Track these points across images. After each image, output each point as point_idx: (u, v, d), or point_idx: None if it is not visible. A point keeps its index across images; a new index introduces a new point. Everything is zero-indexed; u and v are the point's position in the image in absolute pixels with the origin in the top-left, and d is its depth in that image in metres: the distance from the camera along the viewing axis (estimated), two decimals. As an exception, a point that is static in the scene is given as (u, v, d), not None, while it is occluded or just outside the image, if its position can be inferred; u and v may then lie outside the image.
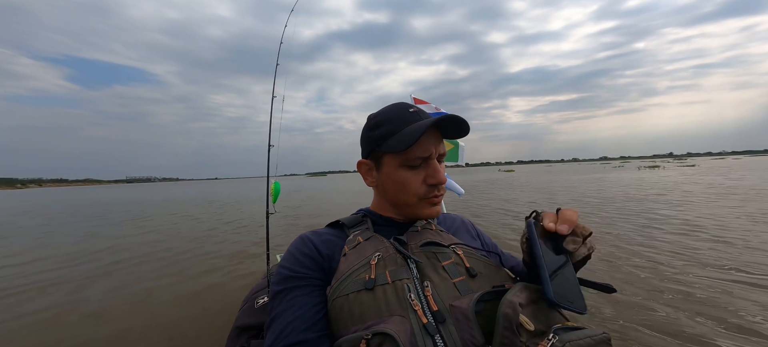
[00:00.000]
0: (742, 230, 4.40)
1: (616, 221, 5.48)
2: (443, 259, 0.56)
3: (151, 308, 2.77)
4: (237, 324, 1.03)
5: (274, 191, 1.93)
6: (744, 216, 5.31)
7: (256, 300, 1.11)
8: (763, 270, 2.92)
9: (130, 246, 5.38)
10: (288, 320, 0.54)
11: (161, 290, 3.20)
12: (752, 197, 7.54)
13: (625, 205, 7.30)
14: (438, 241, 0.61)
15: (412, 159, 0.64)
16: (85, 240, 6.15)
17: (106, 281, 3.56)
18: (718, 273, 2.90)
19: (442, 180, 0.65)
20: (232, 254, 4.56)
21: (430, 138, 0.64)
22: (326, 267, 0.62)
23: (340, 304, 0.52)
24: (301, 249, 0.64)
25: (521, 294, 0.45)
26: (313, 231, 0.70)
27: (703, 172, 19.76)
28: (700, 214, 5.73)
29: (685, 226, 4.83)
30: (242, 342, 0.95)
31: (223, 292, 3.07)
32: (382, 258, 0.57)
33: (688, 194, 8.79)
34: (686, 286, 2.64)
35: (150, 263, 4.26)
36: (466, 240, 0.71)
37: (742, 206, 6.24)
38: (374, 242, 0.62)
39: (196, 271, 3.82)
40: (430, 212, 0.69)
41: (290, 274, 0.60)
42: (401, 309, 0.48)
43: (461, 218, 0.81)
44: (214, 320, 2.45)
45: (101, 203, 17.21)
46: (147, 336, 2.26)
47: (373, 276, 0.53)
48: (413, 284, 0.52)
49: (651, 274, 2.95)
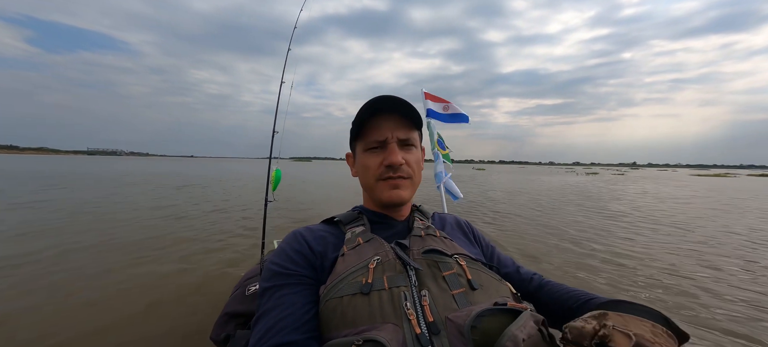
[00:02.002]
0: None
1: (521, 207, 7.92)
2: (444, 269, 0.55)
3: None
4: (226, 311, 1.02)
5: (274, 179, 1.89)
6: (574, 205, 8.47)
7: (248, 287, 1.10)
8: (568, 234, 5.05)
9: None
10: (276, 319, 0.52)
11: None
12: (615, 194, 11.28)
13: (535, 198, 10.11)
14: (441, 249, 0.59)
15: (370, 143, 0.68)
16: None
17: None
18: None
19: (394, 161, 0.65)
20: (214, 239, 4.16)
21: (386, 123, 0.67)
22: (318, 265, 0.61)
23: (333, 306, 0.51)
24: (292, 245, 0.63)
25: (525, 328, 0.43)
26: (306, 227, 0.69)
27: (626, 179, 24.70)
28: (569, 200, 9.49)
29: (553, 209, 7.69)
30: (229, 329, 0.94)
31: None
32: (381, 263, 0.55)
33: (587, 192, 12.27)
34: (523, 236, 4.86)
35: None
36: (461, 242, 0.70)
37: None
38: (374, 244, 0.61)
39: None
40: (389, 194, 0.68)
41: (280, 271, 0.58)
42: (395, 317, 0.47)
43: (456, 217, 0.81)
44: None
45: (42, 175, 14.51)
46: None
47: (370, 280, 0.52)
48: (411, 292, 0.51)
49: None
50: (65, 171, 18.48)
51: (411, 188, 0.71)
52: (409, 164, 0.69)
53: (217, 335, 0.95)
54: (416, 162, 0.71)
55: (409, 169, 0.69)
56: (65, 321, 2.02)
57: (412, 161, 0.70)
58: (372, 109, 0.67)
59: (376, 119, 0.68)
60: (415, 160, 0.71)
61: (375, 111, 0.67)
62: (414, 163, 0.70)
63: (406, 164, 0.68)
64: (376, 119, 0.68)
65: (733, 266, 3.47)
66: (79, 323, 1.99)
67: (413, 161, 0.70)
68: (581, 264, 3.46)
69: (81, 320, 2.04)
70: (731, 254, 3.94)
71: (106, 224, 4.81)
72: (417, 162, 0.71)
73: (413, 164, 0.70)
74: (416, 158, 0.71)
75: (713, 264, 3.51)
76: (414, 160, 0.70)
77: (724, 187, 17.52)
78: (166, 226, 4.80)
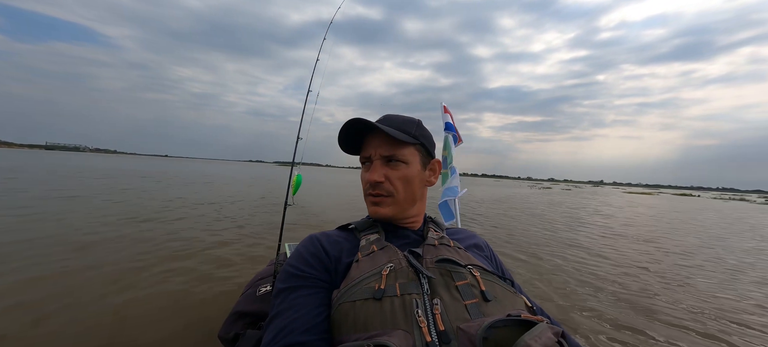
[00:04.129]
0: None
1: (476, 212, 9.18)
2: (458, 279, 0.55)
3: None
4: (236, 310, 1.04)
5: (295, 183, 1.92)
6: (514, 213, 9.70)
7: (259, 287, 1.12)
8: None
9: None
10: (288, 320, 0.54)
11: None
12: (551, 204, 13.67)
13: (485, 204, 11.88)
14: (455, 259, 0.59)
15: (361, 159, 0.74)
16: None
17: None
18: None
19: (370, 179, 0.69)
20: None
21: (373, 140, 0.70)
22: (332, 269, 0.62)
23: (345, 310, 0.52)
24: (309, 249, 0.64)
25: (541, 338, 0.42)
26: (322, 232, 0.71)
27: (569, 194, 27.11)
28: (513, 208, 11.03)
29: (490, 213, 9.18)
30: (238, 328, 0.95)
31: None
32: (394, 270, 0.56)
33: (530, 203, 14.13)
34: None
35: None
36: (476, 256, 0.69)
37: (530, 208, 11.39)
38: (388, 252, 0.61)
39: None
40: (371, 210, 0.73)
41: (295, 273, 0.60)
42: (406, 323, 0.47)
43: (477, 236, 0.79)
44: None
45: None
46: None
47: (383, 286, 0.53)
48: (422, 300, 0.51)
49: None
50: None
51: (393, 205, 0.70)
52: (391, 181, 0.69)
53: (226, 333, 0.97)
54: (403, 179, 0.69)
55: (390, 186, 0.69)
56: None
57: (396, 178, 0.69)
58: (347, 131, 0.70)
59: (367, 135, 0.72)
60: (402, 177, 0.69)
61: (358, 131, 0.71)
62: (398, 180, 0.69)
63: (388, 182, 0.69)
64: (367, 136, 0.72)
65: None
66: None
67: (397, 178, 0.69)
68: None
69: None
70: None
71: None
72: (404, 179, 0.69)
73: (396, 182, 0.69)
74: (403, 175, 0.69)
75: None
76: (399, 177, 0.69)
77: (636, 202, 20.19)
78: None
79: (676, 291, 3.20)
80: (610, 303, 2.78)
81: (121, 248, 3.31)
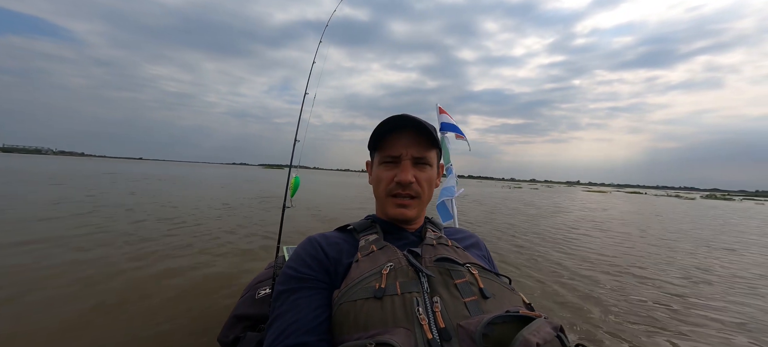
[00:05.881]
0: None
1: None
2: (457, 277, 0.56)
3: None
4: (235, 313, 1.04)
5: (293, 186, 1.94)
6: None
7: (258, 290, 1.12)
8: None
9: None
10: (289, 321, 0.54)
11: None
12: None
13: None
14: (453, 258, 0.60)
15: (384, 156, 0.71)
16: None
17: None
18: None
19: (403, 179, 0.68)
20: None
21: (401, 140, 0.69)
22: (332, 270, 0.62)
23: (346, 309, 0.52)
24: (308, 250, 0.65)
25: (540, 333, 0.43)
26: (321, 234, 0.71)
27: (535, 193, 28.58)
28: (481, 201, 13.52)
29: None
30: (238, 331, 0.96)
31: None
32: (393, 269, 0.56)
33: (492, 198, 16.21)
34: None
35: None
36: (473, 255, 0.70)
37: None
38: (388, 252, 0.62)
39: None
40: (395, 211, 0.71)
41: (295, 275, 0.60)
42: (407, 321, 0.48)
43: (475, 236, 0.80)
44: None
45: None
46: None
47: (383, 285, 0.53)
48: (423, 298, 0.52)
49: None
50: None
51: (418, 207, 0.72)
52: (419, 182, 0.70)
53: (226, 336, 0.97)
54: (428, 181, 0.71)
55: (418, 188, 0.70)
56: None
57: (424, 180, 0.70)
58: (389, 125, 0.69)
59: (393, 134, 0.70)
60: (427, 179, 0.71)
61: (392, 127, 0.70)
62: (425, 182, 0.71)
63: (417, 183, 0.69)
64: (394, 134, 0.70)
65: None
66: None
67: (424, 180, 0.70)
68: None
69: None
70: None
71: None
72: (429, 181, 0.72)
73: (424, 183, 0.70)
74: (429, 177, 0.72)
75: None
76: (425, 179, 0.71)
77: (583, 198, 22.62)
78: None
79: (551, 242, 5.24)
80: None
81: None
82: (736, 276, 3.77)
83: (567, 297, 2.81)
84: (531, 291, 2.96)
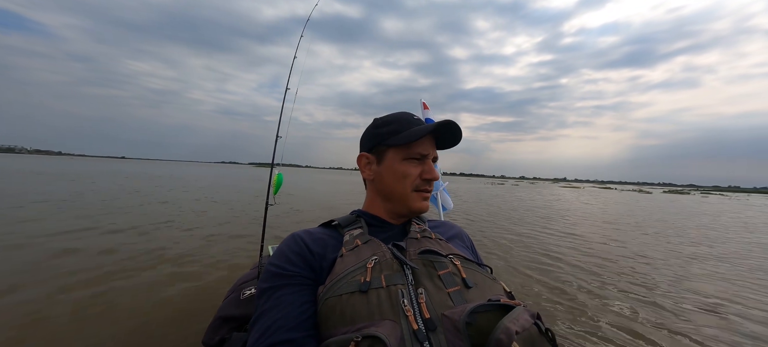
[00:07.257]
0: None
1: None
2: (440, 268, 0.57)
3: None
4: (220, 314, 1.02)
5: (276, 183, 1.92)
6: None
7: (243, 290, 1.10)
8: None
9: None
10: (274, 318, 0.54)
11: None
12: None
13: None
14: (437, 250, 0.61)
15: (414, 153, 0.72)
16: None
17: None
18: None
19: (435, 177, 0.74)
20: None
21: (429, 140, 0.74)
22: (317, 265, 0.62)
23: (332, 304, 0.52)
24: (291, 247, 0.64)
25: (519, 320, 0.44)
26: (305, 230, 0.70)
27: (517, 188, 31.70)
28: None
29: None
30: (223, 333, 0.94)
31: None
32: (378, 262, 0.57)
33: (468, 193, 18.30)
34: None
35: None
36: (457, 246, 0.72)
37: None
38: (372, 245, 0.62)
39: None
40: (421, 205, 0.74)
41: (279, 272, 0.60)
42: (393, 313, 0.48)
43: (459, 228, 0.82)
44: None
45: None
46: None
47: (368, 278, 0.53)
48: (407, 290, 0.52)
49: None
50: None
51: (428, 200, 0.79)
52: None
53: (211, 339, 0.95)
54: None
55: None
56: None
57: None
58: (433, 129, 0.72)
59: (426, 135, 0.74)
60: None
61: (431, 130, 0.73)
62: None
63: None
64: (426, 135, 0.74)
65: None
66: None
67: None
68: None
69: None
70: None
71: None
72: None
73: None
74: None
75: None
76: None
77: (556, 193, 24.66)
78: None
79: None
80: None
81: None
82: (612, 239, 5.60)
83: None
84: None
